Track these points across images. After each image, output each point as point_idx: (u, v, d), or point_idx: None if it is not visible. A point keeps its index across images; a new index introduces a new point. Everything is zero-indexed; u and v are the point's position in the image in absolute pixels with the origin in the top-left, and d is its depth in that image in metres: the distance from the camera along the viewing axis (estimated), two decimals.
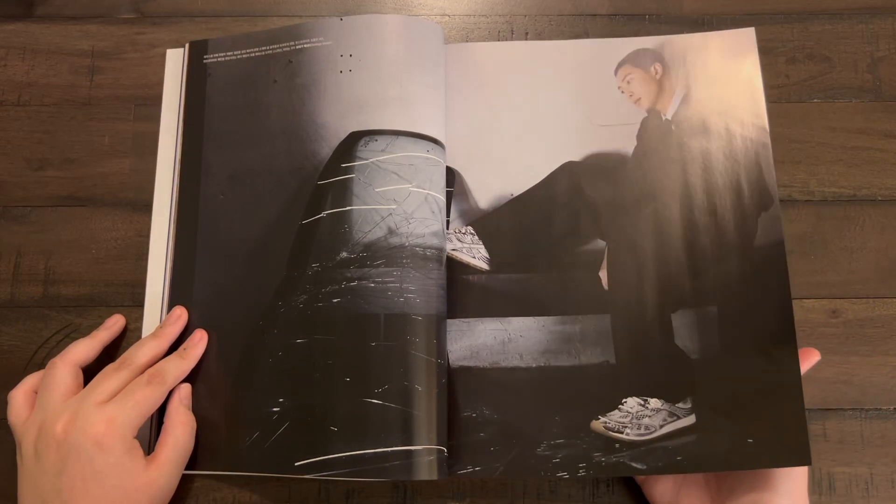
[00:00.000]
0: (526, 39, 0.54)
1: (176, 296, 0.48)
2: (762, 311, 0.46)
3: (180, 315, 0.46)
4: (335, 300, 0.45)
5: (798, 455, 0.42)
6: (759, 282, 0.46)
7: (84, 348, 0.44)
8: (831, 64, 0.53)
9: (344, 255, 0.46)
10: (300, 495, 0.46)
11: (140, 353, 0.43)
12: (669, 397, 0.45)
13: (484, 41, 0.54)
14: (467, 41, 0.54)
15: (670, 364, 0.46)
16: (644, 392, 0.45)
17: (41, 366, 0.44)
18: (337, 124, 0.48)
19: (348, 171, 0.47)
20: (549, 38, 0.54)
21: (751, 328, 0.45)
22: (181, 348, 0.45)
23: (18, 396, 0.42)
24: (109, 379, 0.41)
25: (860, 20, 0.54)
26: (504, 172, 0.50)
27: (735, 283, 0.47)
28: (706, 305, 0.46)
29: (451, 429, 0.45)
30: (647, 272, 0.47)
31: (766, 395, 0.44)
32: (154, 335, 0.45)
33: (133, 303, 0.49)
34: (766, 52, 0.53)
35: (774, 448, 0.43)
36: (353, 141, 0.47)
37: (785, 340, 0.45)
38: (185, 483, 0.44)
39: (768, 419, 0.43)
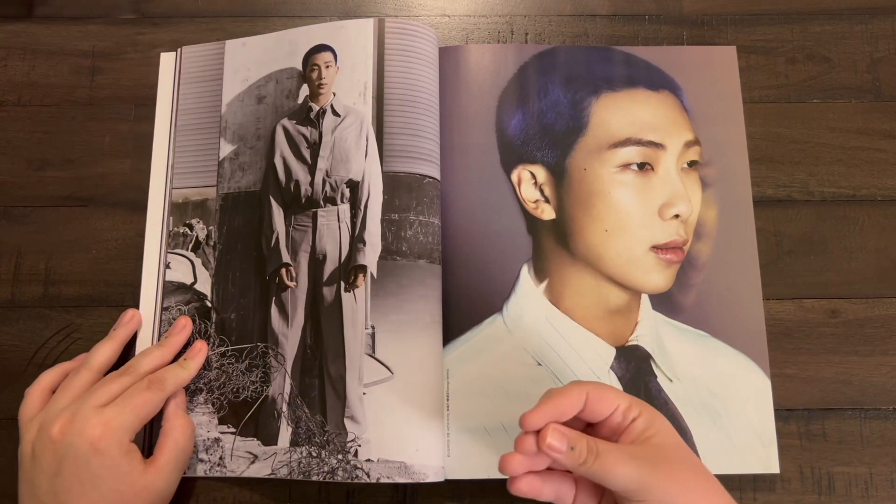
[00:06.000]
0: (526, 40, 0.54)
1: None
2: None
3: (185, 324, 0.46)
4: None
5: None
6: None
7: (106, 352, 0.44)
8: (831, 64, 0.53)
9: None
10: (300, 495, 0.46)
11: (145, 362, 0.43)
12: None
13: (484, 42, 0.54)
14: (467, 42, 0.54)
15: None
16: None
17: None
18: None
19: None
20: (549, 38, 0.54)
21: None
22: (182, 359, 0.45)
23: (34, 394, 0.42)
24: (111, 383, 0.41)
25: (860, 20, 0.54)
26: None
27: None
28: None
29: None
30: None
31: None
32: (160, 345, 0.45)
33: (133, 303, 0.49)
34: (766, 52, 0.53)
35: None
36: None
37: None
38: (185, 483, 0.44)
39: None
